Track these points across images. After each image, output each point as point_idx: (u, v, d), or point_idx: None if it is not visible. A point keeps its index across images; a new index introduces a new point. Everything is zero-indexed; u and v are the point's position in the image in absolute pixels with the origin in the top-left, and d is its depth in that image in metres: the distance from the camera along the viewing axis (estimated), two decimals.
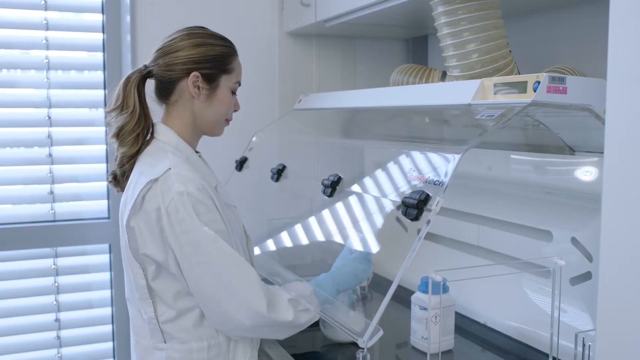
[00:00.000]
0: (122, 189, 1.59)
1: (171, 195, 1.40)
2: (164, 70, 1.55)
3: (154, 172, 1.44)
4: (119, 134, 1.54)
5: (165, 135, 1.57)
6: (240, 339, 1.54)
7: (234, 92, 1.63)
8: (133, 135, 1.54)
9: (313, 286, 1.55)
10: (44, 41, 2.36)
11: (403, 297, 1.82)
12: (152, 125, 1.59)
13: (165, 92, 1.58)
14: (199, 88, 1.55)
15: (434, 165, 1.34)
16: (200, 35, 1.57)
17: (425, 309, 1.68)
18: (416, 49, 2.64)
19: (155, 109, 1.62)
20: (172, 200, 1.39)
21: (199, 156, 1.64)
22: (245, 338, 1.54)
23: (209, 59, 1.55)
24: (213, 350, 1.50)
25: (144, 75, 1.58)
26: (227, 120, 1.66)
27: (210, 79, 1.56)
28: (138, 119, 1.54)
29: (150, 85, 1.60)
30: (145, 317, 1.52)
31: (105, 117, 1.58)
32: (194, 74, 1.53)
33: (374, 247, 1.55)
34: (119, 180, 1.61)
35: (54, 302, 2.46)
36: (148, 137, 1.59)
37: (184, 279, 1.44)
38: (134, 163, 1.56)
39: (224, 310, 1.42)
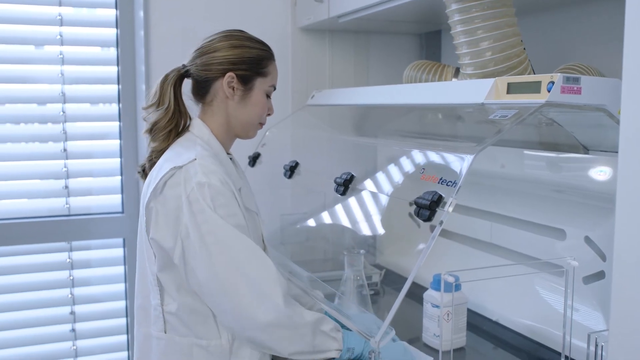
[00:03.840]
0: None
1: (192, 184, 1.41)
2: (201, 70, 1.58)
3: (180, 160, 1.46)
4: (152, 130, 1.59)
5: (199, 129, 1.59)
6: (244, 345, 1.49)
7: (268, 96, 1.65)
8: (165, 132, 1.58)
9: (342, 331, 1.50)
10: (59, 37, 2.37)
11: (415, 292, 1.82)
12: (190, 119, 1.63)
13: (201, 91, 1.61)
14: (233, 89, 1.58)
15: (447, 165, 1.34)
16: (237, 37, 1.60)
17: (437, 306, 1.69)
18: (429, 44, 2.63)
19: (194, 108, 1.66)
20: (192, 190, 1.40)
21: (230, 158, 1.66)
22: (252, 345, 1.47)
23: (245, 60, 1.57)
24: (213, 351, 1.48)
25: (182, 74, 1.61)
26: (261, 124, 1.67)
27: (245, 81, 1.58)
28: (172, 116, 1.58)
29: (187, 84, 1.64)
30: (152, 303, 1.52)
31: (143, 114, 1.62)
32: (229, 74, 1.56)
33: (386, 243, 1.56)
34: (146, 172, 1.63)
35: (69, 295, 2.49)
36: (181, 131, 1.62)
37: (196, 270, 1.41)
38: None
39: (238, 304, 1.38)
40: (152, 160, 1.60)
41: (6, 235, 2.36)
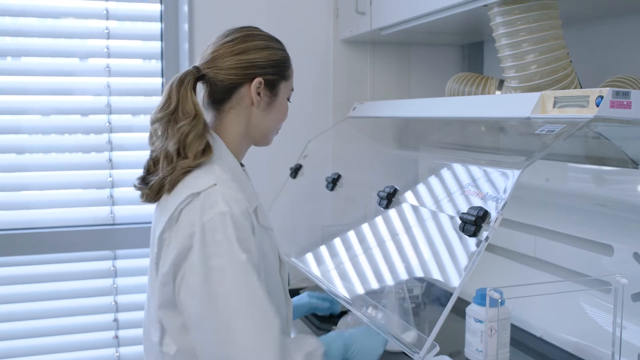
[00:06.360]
0: (154, 201, 1.43)
1: (212, 214, 1.25)
2: (224, 74, 1.43)
3: (197, 185, 1.30)
4: (183, 144, 1.35)
5: (215, 144, 1.43)
6: None
7: (289, 100, 1.55)
8: (203, 143, 1.37)
9: (324, 346, 1.42)
10: (105, 49, 2.42)
11: (456, 305, 1.81)
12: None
13: (220, 97, 1.45)
14: (260, 95, 1.45)
15: (492, 180, 1.33)
16: (261, 38, 1.47)
17: (480, 321, 1.67)
18: (472, 55, 2.62)
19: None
20: (211, 219, 1.25)
21: (244, 171, 1.52)
22: None
23: (272, 63, 1.45)
24: None
25: (197, 78, 1.44)
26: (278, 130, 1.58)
27: (272, 86, 1.47)
28: (204, 124, 1.40)
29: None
30: (153, 340, 1.37)
31: (153, 124, 1.43)
32: (258, 79, 1.43)
33: (428, 255, 1.53)
34: (155, 196, 1.41)
35: (113, 303, 2.53)
36: None
37: (190, 305, 1.26)
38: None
39: (226, 354, 1.22)
40: (172, 181, 1.36)
41: (53, 243, 2.41)
